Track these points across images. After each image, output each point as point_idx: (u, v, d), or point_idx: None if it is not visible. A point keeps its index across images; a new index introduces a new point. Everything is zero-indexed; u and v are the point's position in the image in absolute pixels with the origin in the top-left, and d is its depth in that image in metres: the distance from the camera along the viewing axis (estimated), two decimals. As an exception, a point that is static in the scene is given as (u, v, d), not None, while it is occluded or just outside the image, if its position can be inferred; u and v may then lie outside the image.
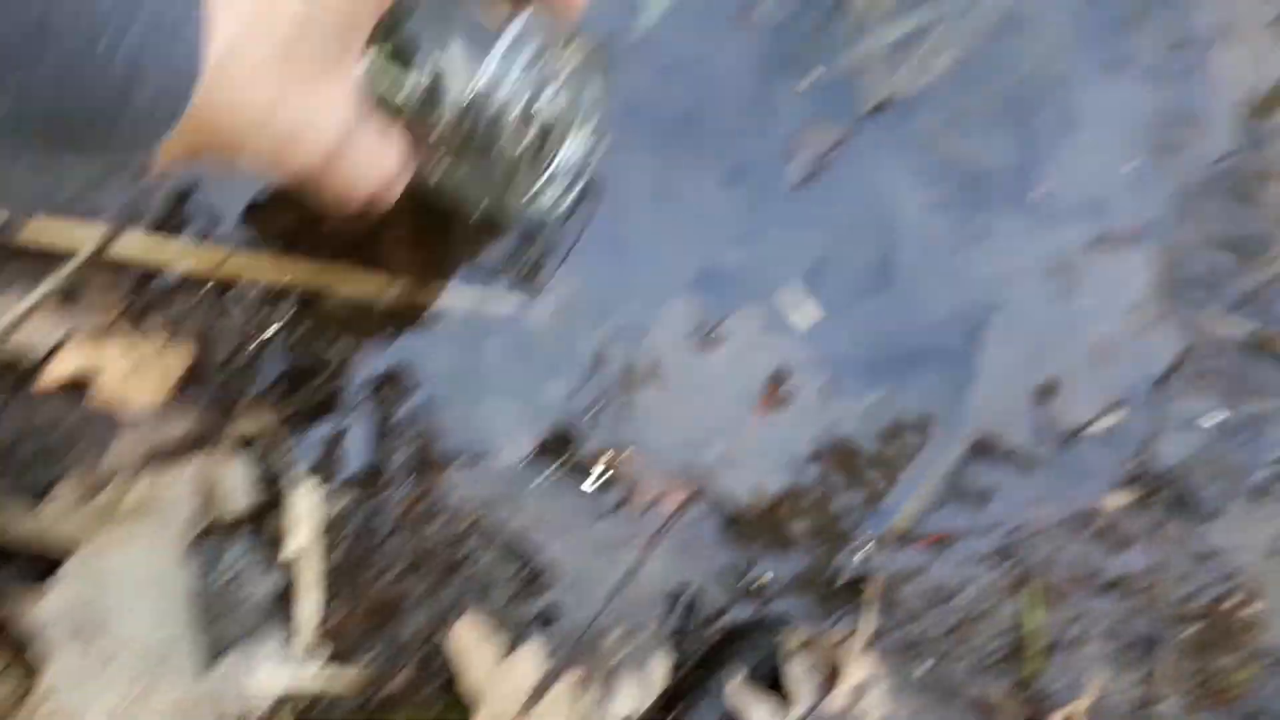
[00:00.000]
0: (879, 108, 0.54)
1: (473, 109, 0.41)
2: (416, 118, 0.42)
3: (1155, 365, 0.54)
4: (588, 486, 0.52)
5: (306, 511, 0.51)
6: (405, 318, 0.53)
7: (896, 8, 0.55)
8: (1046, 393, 0.53)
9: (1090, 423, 0.53)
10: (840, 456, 0.53)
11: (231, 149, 0.36)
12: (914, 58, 0.55)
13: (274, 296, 0.53)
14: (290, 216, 0.54)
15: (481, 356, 0.52)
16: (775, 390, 0.53)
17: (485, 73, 0.41)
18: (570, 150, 0.47)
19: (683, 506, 0.52)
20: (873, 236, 0.54)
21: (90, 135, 0.33)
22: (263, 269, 0.53)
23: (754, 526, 0.52)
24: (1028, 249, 0.54)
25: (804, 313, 0.53)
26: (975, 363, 0.53)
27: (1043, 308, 0.54)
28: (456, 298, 0.53)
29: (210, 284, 0.53)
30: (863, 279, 0.54)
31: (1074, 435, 0.53)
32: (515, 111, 0.42)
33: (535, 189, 0.46)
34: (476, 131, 0.42)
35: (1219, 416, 0.53)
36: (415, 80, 0.41)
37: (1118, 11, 0.56)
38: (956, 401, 0.53)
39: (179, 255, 0.53)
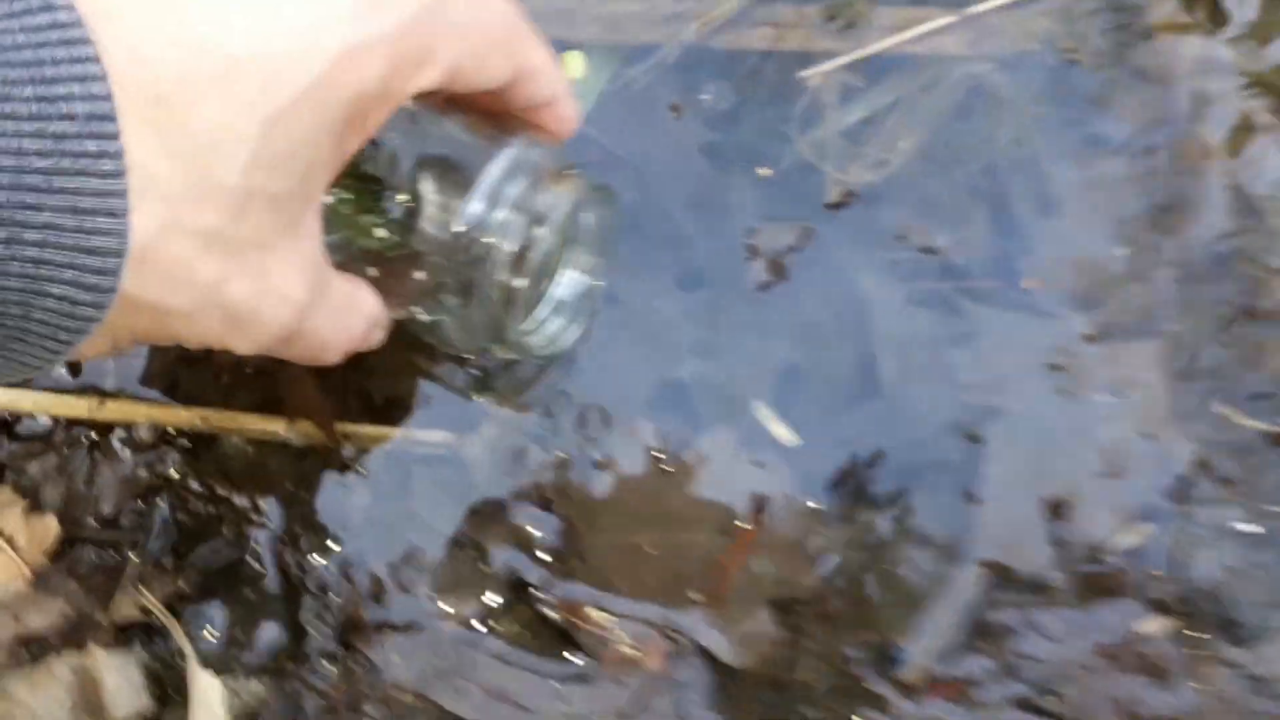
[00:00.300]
0: (842, 200, 0.49)
1: (456, 248, 0.38)
2: (390, 262, 0.39)
3: (1173, 469, 0.48)
4: (546, 651, 0.44)
5: (209, 710, 0.42)
6: (319, 458, 0.45)
7: (850, 90, 0.50)
8: (1061, 508, 0.48)
9: (1112, 539, 0.47)
10: (837, 595, 0.46)
11: (170, 334, 0.33)
12: (874, 143, 0.49)
13: (159, 443, 0.45)
14: (173, 350, 0.46)
15: (411, 498, 0.45)
16: (757, 521, 0.46)
17: (469, 209, 0.38)
18: (565, 289, 0.45)
19: (663, 667, 0.44)
20: (849, 342, 0.49)
21: None
22: (144, 412, 0.45)
23: (749, 685, 0.44)
24: (1022, 347, 0.49)
25: (779, 430, 0.46)
26: (978, 478, 0.47)
27: (1045, 411, 0.49)
28: (377, 432, 0.45)
29: (81, 434, 0.44)
30: (842, 390, 0.49)
31: (1096, 555, 0.47)
32: (503, 254, 0.38)
33: (527, 331, 0.43)
34: (458, 276, 0.39)
35: (1250, 526, 0.47)
36: (389, 216, 0.38)
37: (1089, 86, 0.51)
38: (962, 523, 0.47)
39: (41, 403, 0.44)
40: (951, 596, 0.47)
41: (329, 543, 0.46)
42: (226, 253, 0.31)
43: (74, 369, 0.46)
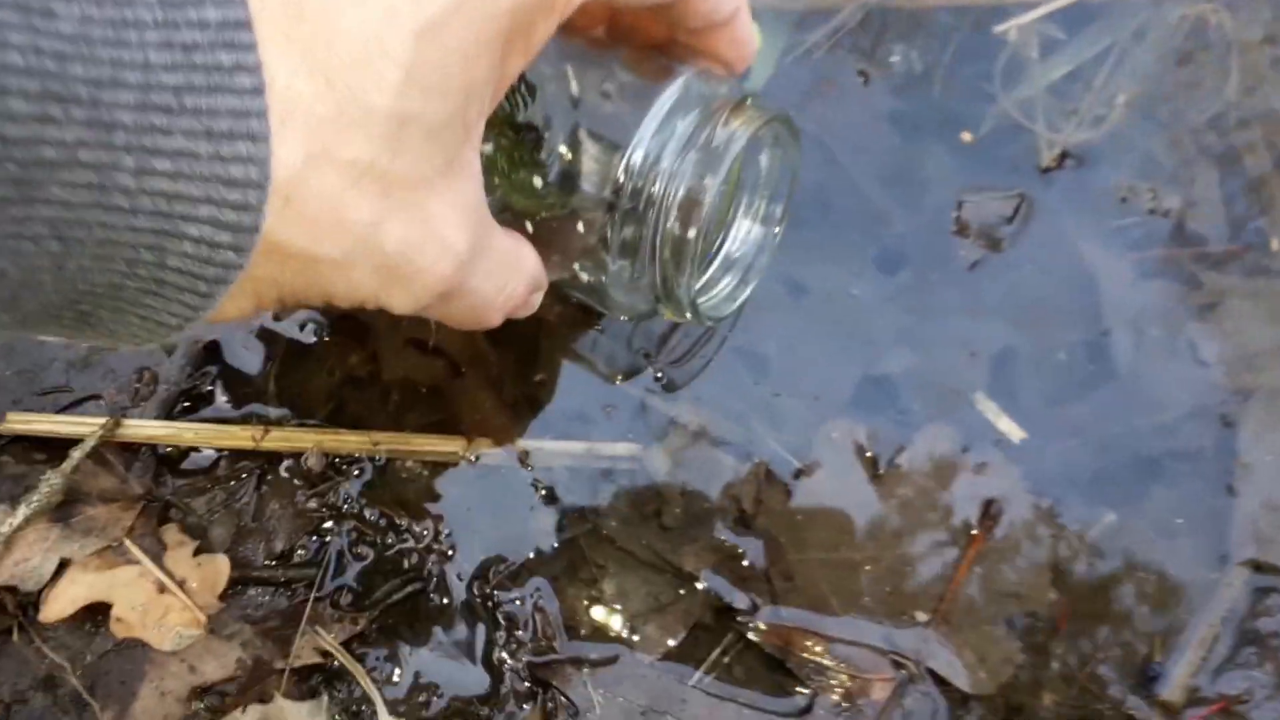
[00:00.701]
0: (1057, 163, 0.44)
1: (620, 199, 0.34)
2: (552, 214, 0.35)
3: None
4: (760, 684, 0.39)
5: (397, 757, 0.38)
6: (500, 479, 0.41)
7: (1052, 42, 0.45)
8: (1342, 496, 0.41)
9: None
10: (1082, 608, 0.40)
11: (320, 290, 0.29)
12: (1087, 98, 0.44)
13: (329, 472, 0.41)
14: (338, 370, 0.43)
15: (599, 517, 0.43)
16: (986, 528, 0.41)
17: (634, 154, 0.33)
18: (739, 242, 0.40)
19: (891, 696, 0.39)
20: (1075, 321, 0.43)
21: (114, 314, 0.26)
22: (312, 439, 0.42)
23: (988, 712, 0.39)
24: (1274, 317, 0.42)
25: (1005, 424, 0.41)
26: (1234, 467, 0.41)
27: (1306, 387, 0.42)
28: (559, 447, 0.41)
29: (247, 466, 0.41)
30: (1072, 375, 0.43)
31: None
32: (673, 200, 0.34)
33: (696, 290, 0.37)
34: (625, 226, 0.34)
35: None
36: (547, 170, 0.34)
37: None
38: (1219, 519, 0.41)
39: (203, 435, 0.41)
40: (1213, 603, 0.41)
41: (516, 571, 0.42)
42: (381, 190, 0.27)
43: (237, 398, 0.43)
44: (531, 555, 0.42)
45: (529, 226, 0.35)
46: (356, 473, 0.43)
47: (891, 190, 0.45)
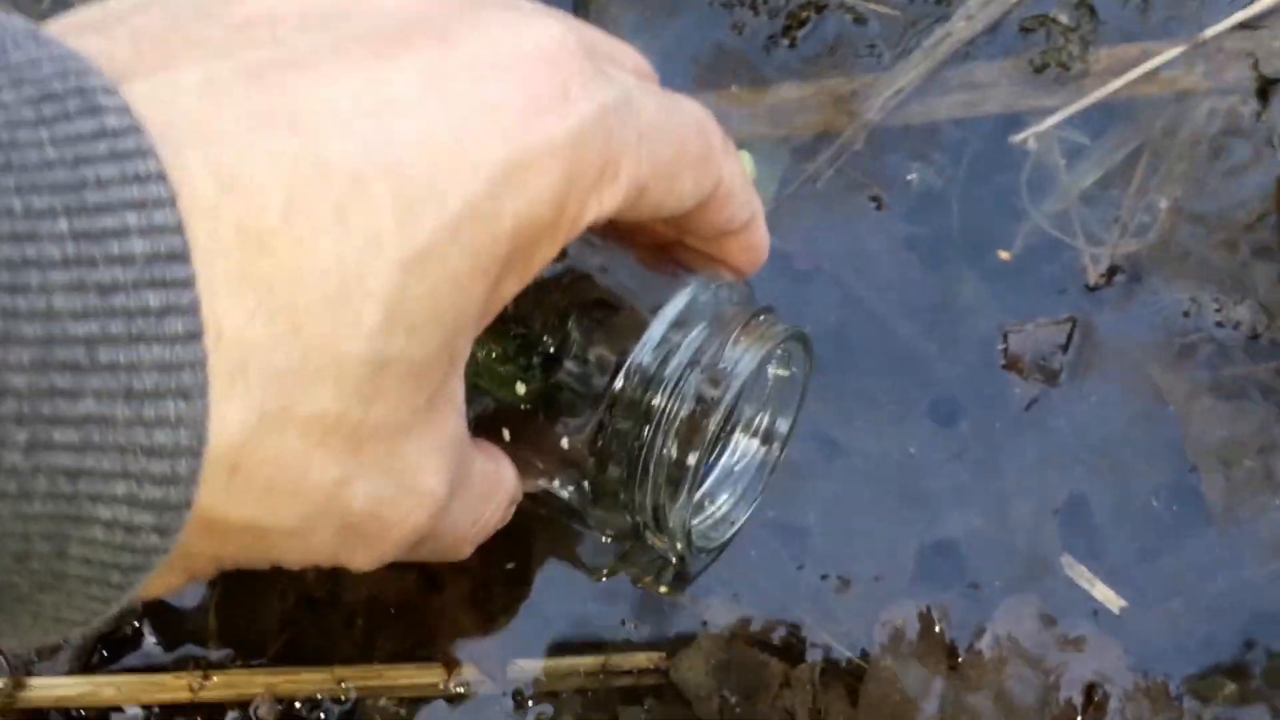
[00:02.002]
0: (1105, 279, 0.38)
1: (614, 414, 0.31)
2: (532, 424, 0.32)
3: None
4: None
5: None
6: (500, 712, 0.34)
7: (1077, 147, 0.40)
8: None
9: None
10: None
11: (267, 561, 0.25)
12: (1126, 205, 0.39)
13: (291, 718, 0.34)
14: (291, 591, 0.36)
15: None
16: (1093, 716, 0.34)
17: (633, 365, 0.31)
18: (739, 458, 0.36)
19: None
20: (1155, 459, 0.37)
21: (18, 608, 0.21)
22: (262, 682, 0.34)
23: None
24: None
25: (1102, 592, 0.34)
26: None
27: None
28: (565, 665, 0.34)
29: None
30: (1160, 524, 0.36)
31: None
32: (672, 420, 0.31)
33: (686, 518, 0.33)
34: (615, 443, 0.31)
35: None
36: (534, 373, 0.31)
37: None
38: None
39: (127, 690, 0.34)
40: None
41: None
42: (350, 446, 0.23)
43: (169, 638, 0.36)
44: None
45: (505, 434, 0.32)
46: (320, 717, 0.35)
47: (924, 326, 0.39)
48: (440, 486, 0.26)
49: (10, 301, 0.18)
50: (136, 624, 0.36)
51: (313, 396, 0.22)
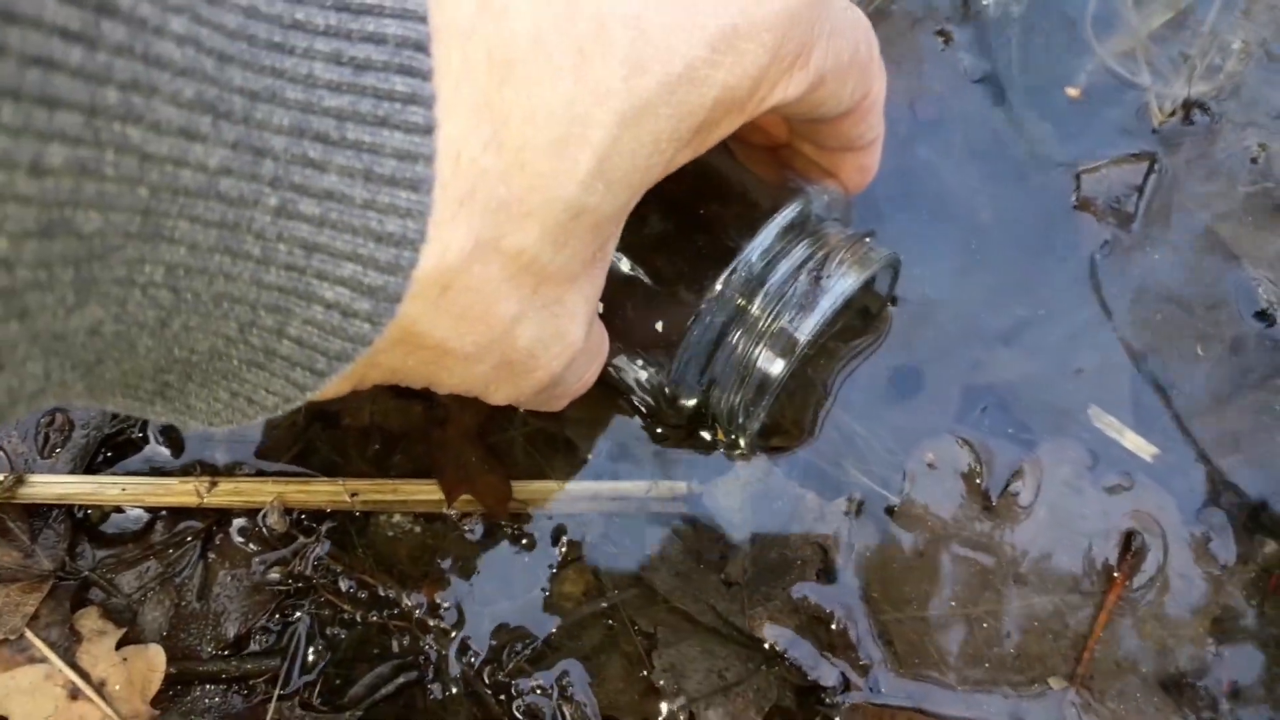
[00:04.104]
0: (1171, 120, 0.36)
1: (713, 307, 0.30)
2: (633, 303, 0.31)
3: None
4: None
5: None
6: (511, 531, 0.33)
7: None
8: None
9: None
10: (1245, 665, 0.32)
11: (431, 380, 0.26)
12: (1198, 45, 0.37)
13: (294, 532, 0.32)
14: (294, 413, 0.34)
15: (646, 576, 0.34)
16: (1127, 569, 0.32)
17: (739, 266, 0.30)
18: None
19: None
20: (1217, 308, 0.35)
21: (201, 388, 0.22)
22: (271, 491, 0.33)
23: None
24: None
25: (1132, 440, 0.33)
26: None
27: None
28: (586, 488, 0.33)
29: (189, 528, 0.32)
30: (1219, 374, 0.34)
31: None
32: (767, 327, 0.31)
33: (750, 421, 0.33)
34: (709, 338, 0.31)
35: None
36: (644, 252, 0.31)
37: None
38: None
39: (132, 491, 0.32)
40: None
41: (539, 651, 0.32)
42: (533, 284, 0.24)
43: (176, 443, 0.34)
44: (556, 630, 0.33)
45: (599, 304, 0.31)
46: (328, 531, 0.34)
47: (993, 164, 0.37)
48: (582, 337, 0.27)
49: (278, 60, 0.18)
50: (141, 431, 0.35)
51: (523, 231, 0.23)
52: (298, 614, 0.33)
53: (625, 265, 0.30)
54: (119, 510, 0.33)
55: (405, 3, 0.20)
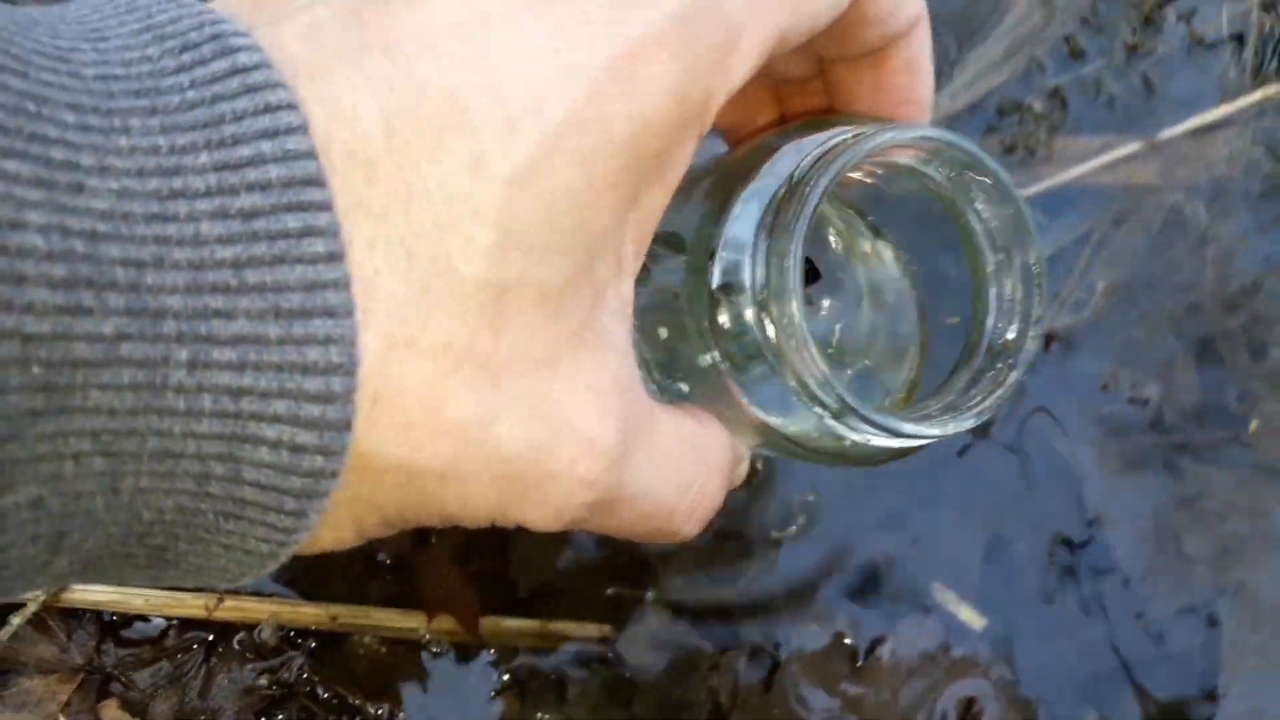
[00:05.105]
0: (1046, 342, 0.43)
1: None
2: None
3: None
4: None
5: None
6: (462, 658, 0.40)
7: (1038, 221, 0.45)
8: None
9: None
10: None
11: (432, 510, 0.24)
12: (1068, 282, 0.44)
13: (283, 646, 0.39)
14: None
15: (570, 708, 0.41)
16: (966, 728, 0.39)
17: (722, 251, 0.27)
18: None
19: None
20: (1061, 509, 0.42)
21: (193, 545, 0.22)
22: (268, 611, 0.40)
23: None
24: (1255, 511, 0.42)
25: (966, 614, 0.40)
26: (1220, 670, 0.40)
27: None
28: (524, 625, 0.40)
29: (198, 637, 0.39)
30: (1053, 564, 0.41)
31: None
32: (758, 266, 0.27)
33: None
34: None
35: None
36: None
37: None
38: (1205, 722, 0.39)
39: (153, 602, 0.42)
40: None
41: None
42: (486, 380, 0.22)
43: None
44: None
45: (685, 388, 0.29)
46: (313, 645, 0.41)
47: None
48: (606, 434, 0.24)
49: (162, 229, 0.19)
50: (164, 547, 0.42)
51: (437, 323, 0.21)
52: (280, 715, 0.40)
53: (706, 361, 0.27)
54: (142, 619, 0.41)
55: (285, 144, 0.20)
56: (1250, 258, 0.47)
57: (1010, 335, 0.30)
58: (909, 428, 0.27)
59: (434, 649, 0.41)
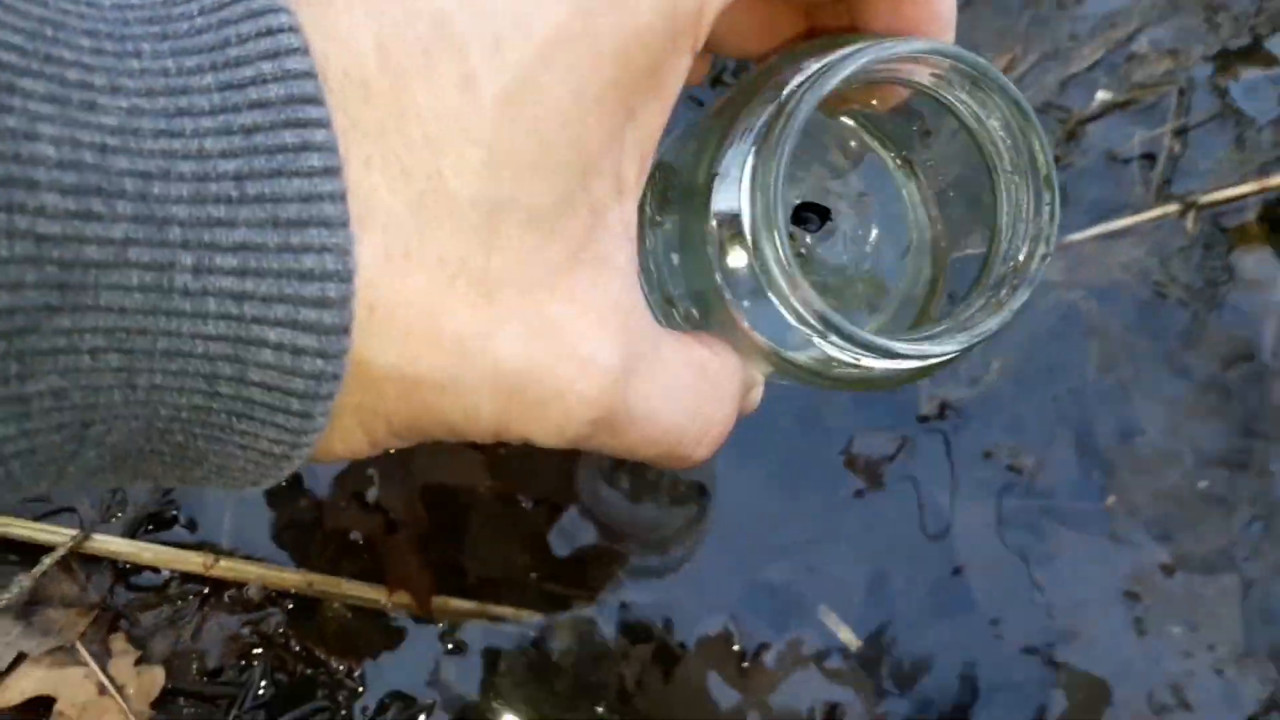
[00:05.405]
0: (936, 413, 0.50)
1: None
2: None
3: (1244, 708, 0.48)
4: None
5: None
6: (415, 629, 0.47)
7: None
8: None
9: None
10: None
11: (435, 420, 0.24)
12: (968, 360, 0.51)
13: (266, 603, 0.47)
14: (287, 511, 0.48)
15: (500, 679, 0.49)
16: (828, 730, 0.47)
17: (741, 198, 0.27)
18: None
19: None
20: (938, 553, 0.49)
21: (212, 444, 0.23)
22: (255, 573, 0.47)
23: None
24: (1102, 572, 0.49)
25: (845, 634, 0.47)
26: (1050, 704, 0.47)
27: (1120, 638, 0.49)
28: (469, 606, 0.47)
29: (193, 589, 0.47)
30: (927, 601, 0.49)
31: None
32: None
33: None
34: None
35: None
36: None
37: (1178, 320, 0.53)
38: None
39: (160, 557, 0.47)
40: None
41: (416, 713, 0.47)
42: (483, 294, 0.23)
43: (194, 526, 0.49)
44: (432, 702, 0.47)
45: (697, 316, 0.29)
46: (290, 607, 0.48)
47: (801, 426, 0.52)
48: (607, 356, 0.24)
49: (168, 144, 0.20)
50: (175, 513, 0.50)
51: (431, 238, 0.22)
52: (257, 661, 0.48)
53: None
54: (151, 569, 0.48)
55: (284, 64, 0.21)
56: (1128, 354, 0.54)
57: (1021, 257, 0.30)
58: (901, 347, 0.27)
59: (393, 619, 0.49)
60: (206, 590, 0.48)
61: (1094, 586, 0.51)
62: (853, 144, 0.33)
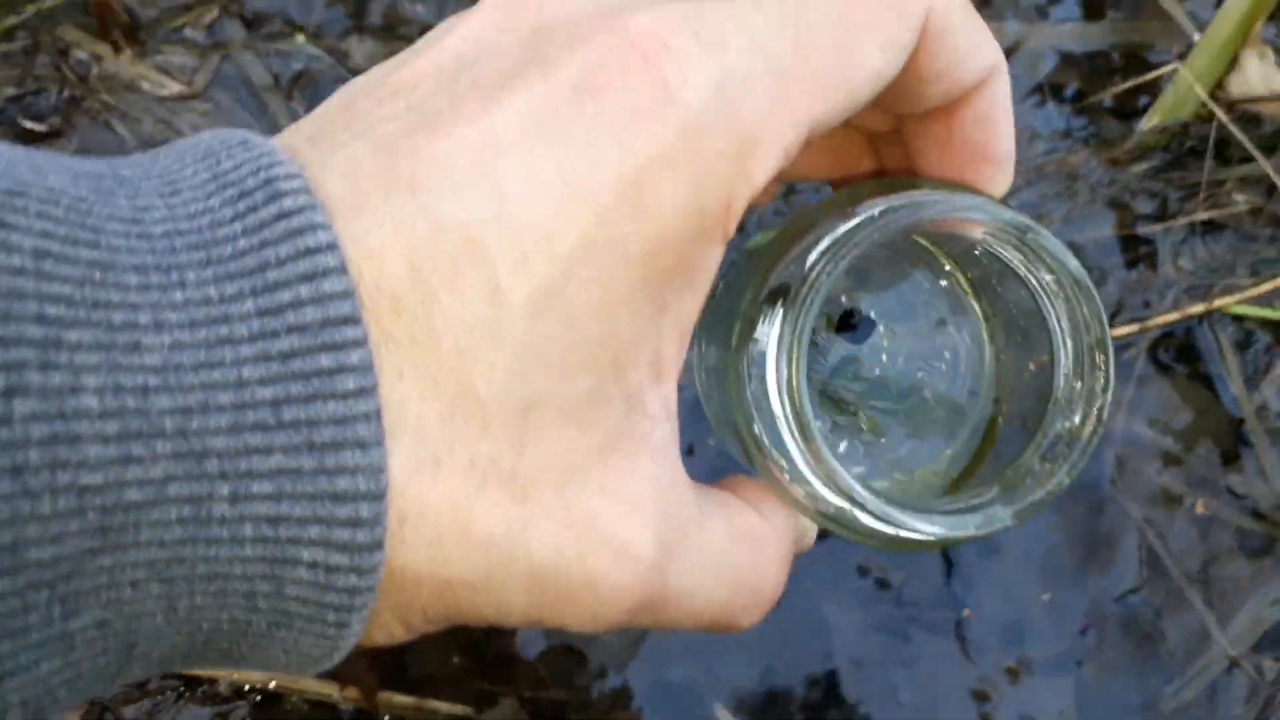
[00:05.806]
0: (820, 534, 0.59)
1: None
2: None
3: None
4: None
5: None
6: None
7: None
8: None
9: None
10: None
11: (474, 617, 0.25)
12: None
13: (234, 697, 0.54)
14: None
15: None
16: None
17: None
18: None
19: None
20: (816, 658, 0.58)
21: (255, 650, 0.24)
22: (225, 671, 0.54)
23: None
24: (953, 674, 0.58)
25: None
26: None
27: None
28: (408, 701, 0.55)
29: (172, 684, 0.54)
30: (806, 700, 0.57)
31: None
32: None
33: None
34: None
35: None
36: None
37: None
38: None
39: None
40: None
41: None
42: (515, 493, 0.23)
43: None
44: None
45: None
46: (257, 699, 0.56)
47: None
48: (641, 540, 0.24)
49: (208, 375, 0.20)
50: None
51: (461, 443, 0.22)
52: (225, 749, 0.55)
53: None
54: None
55: (321, 286, 0.21)
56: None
57: (1076, 419, 0.29)
58: (929, 529, 0.26)
59: (344, 711, 0.56)
60: (183, 686, 0.55)
61: (947, 686, 0.60)
62: (931, 269, 0.32)
